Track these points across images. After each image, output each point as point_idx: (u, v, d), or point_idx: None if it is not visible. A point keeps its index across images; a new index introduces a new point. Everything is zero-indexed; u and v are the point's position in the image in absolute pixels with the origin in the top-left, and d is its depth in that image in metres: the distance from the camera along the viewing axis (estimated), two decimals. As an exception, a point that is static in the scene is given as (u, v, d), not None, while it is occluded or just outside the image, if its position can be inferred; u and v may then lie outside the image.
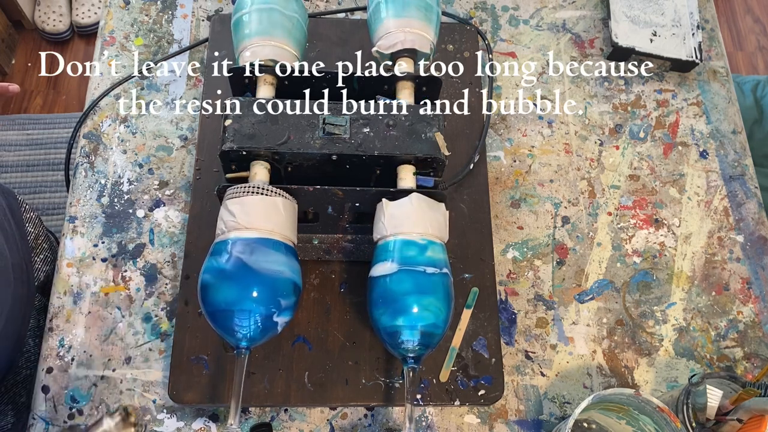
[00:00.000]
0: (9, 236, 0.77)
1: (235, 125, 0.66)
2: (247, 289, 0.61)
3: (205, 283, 0.63)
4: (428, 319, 0.62)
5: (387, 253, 0.64)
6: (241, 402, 0.60)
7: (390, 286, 0.63)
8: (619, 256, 0.80)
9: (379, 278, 0.64)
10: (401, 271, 0.63)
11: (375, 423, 0.70)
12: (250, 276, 0.61)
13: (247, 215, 0.63)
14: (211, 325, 0.63)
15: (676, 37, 0.90)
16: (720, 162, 0.86)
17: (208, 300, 0.63)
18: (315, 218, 0.71)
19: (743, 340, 0.77)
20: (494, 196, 0.81)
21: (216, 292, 0.62)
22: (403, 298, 0.62)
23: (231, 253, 0.62)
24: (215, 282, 0.62)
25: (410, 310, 0.62)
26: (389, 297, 0.63)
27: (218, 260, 0.63)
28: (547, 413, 0.72)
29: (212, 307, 0.62)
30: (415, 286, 0.62)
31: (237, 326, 0.61)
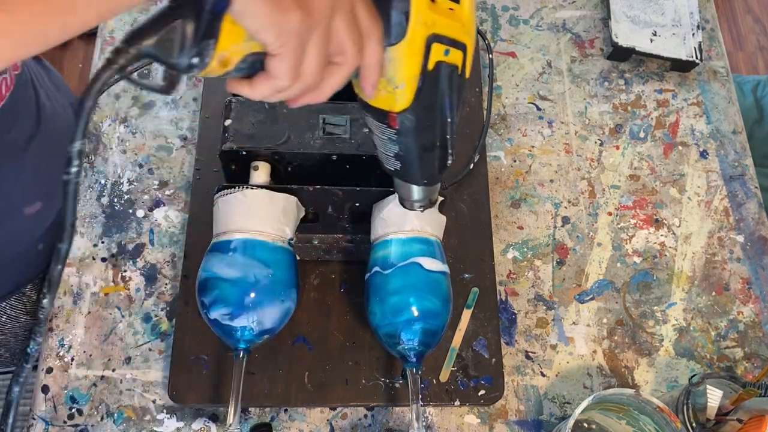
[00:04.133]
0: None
1: (235, 125, 0.66)
2: (238, 290, 0.61)
3: (202, 284, 0.63)
4: (427, 318, 0.62)
5: (383, 253, 0.64)
6: (240, 402, 0.60)
7: (387, 286, 0.63)
8: (619, 256, 0.80)
9: (376, 278, 0.64)
10: (398, 270, 0.63)
11: (375, 423, 0.70)
12: (248, 277, 0.61)
13: (217, 222, 0.63)
14: (209, 326, 0.63)
15: (676, 37, 0.90)
16: (720, 162, 0.86)
17: (205, 301, 0.63)
18: (315, 218, 0.71)
19: (743, 340, 0.77)
20: (494, 196, 0.81)
21: (213, 293, 0.62)
22: (401, 298, 0.62)
23: (228, 253, 0.62)
24: (213, 283, 0.62)
25: (408, 309, 0.62)
26: (387, 297, 0.63)
27: (216, 260, 0.63)
28: (547, 413, 0.72)
29: (210, 309, 0.62)
30: (412, 286, 0.62)
31: (231, 328, 0.61)
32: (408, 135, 0.47)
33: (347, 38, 0.39)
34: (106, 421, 0.69)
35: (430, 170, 0.51)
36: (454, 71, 0.44)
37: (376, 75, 0.42)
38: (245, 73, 0.39)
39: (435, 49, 0.42)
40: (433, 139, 0.48)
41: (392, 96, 0.44)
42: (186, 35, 0.35)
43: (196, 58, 0.36)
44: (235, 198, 0.63)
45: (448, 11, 0.42)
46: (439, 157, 0.50)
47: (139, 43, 0.34)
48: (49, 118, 0.73)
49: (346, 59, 0.40)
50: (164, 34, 0.34)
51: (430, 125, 0.47)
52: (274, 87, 0.39)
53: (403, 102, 0.44)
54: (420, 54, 0.42)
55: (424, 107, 0.45)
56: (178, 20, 0.35)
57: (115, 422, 0.69)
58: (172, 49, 0.35)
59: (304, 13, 0.36)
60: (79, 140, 0.33)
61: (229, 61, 0.38)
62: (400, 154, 0.49)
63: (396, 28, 0.41)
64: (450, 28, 0.42)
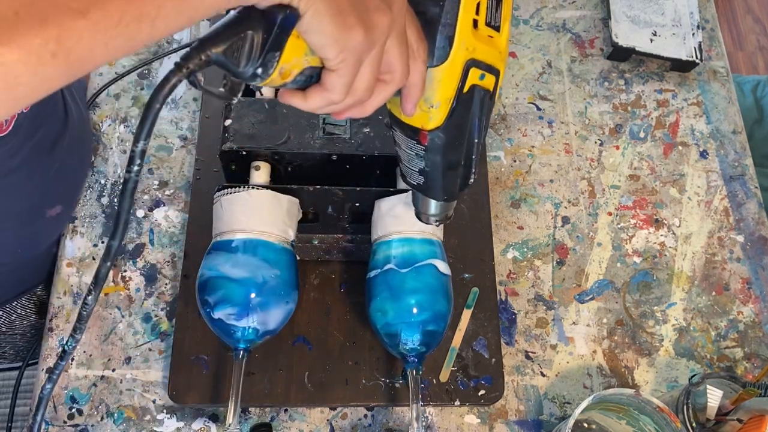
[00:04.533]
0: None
1: (235, 125, 0.66)
2: (244, 290, 0.61)
3: (206, 283, 0.63)
4: (429, 319, 0.62)
5: (383, 254, 0.64)
6: (240, 402, 0.60)
7: (387, 286, 0.63)
8: (619, 256, 0.80)
9: (377, 279, 0.64)
10: (398, 271, 0.63)
11: (375, 423, 0.70)
12: (247, 277, 0.61)
13: (221, 219, 0.63)
14: (209, 326, 0.63)
15: (676, 37, 0.90)
16: (720, 162, 0.86)
17: (209, 300, 0.63)
18: (315, 218, 0.71)
19: (743, 340, 0.77)
20: (494, 196, 0.81)
21: (219, 292, 0.62)
22: (401, 298, 0.62)
23: (234, 253, 0.62)
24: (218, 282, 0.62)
25: (409, 309, 0.62)
26: (387, 297, 0.63)
27: (221, 260, 0.63)
28: (547, 413, 0.72)
29: (215, 308, 0.62)
30: (412, 286, 0.62)
31: (234, 328, 0.61)
32: (436, 152, 0.49)
33: (398, 58, 0.41)
34: (106, 421, 0.69)
35: (452, 187, 0.53)
36: (486, 95, 0.47)
37: (418, 94, 0.44)
38: (300, 85, 0.41)
39: (472, 73, 0.44)
40: (459, 157, 0.50)
41: (426, 114, 0.46)
42: (254, 46, 0.36)
43: (260, 69, 0.37)
44: (240, 197, 0.63)
45: (487, 38, 0.44)
46: (463, 175, 0.52)
47: (209, 50, 0.35)
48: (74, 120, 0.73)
49: (394, 78, 0.42)
50: (233, 43, 0.35)
51: (459, 144, 0.49)
52: (328, 100, 0.41)
53: (436, 121, 0.46)
54: (458, 77, 0.44)
55: (455, 127, 0.47)
56: (248, 31, 0.36)
57: (115, 422, 0.69)
58: (240, 59, 0.36)
59: (366, 32, 0.37)
60: (142, 141, 0.34)
61: (289, 73, 0.39)
62: (426, 169, 0.51)
63: (439, 51, 0.42)
64: (488, 55, 0.44)
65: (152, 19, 0.31)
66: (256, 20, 0.36)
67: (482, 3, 0.43)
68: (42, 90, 0.30)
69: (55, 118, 0.70)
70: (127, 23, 0.30)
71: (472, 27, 0.43)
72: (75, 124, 0.74)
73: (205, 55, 0.35)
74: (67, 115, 0.72)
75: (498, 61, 0.46)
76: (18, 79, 0.28)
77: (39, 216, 0.71)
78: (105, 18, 0.29)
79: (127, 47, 0.31)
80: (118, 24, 0.30)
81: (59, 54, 0.29)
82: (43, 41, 0.28)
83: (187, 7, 0.32)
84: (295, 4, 0.35)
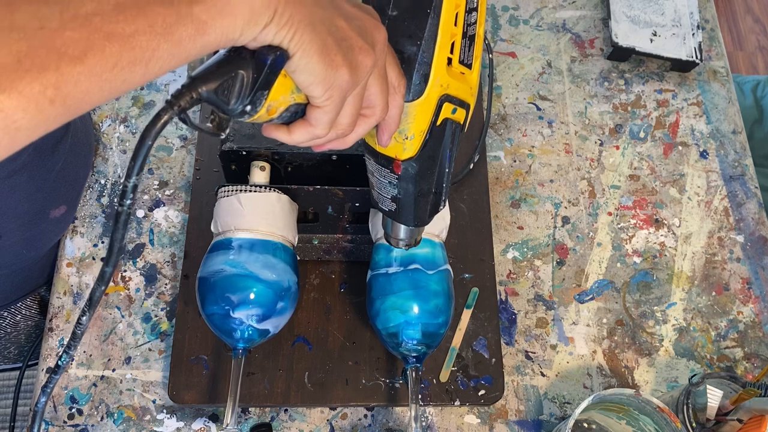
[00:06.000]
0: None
1: (235, 125, 0.66)
2: (244, 290, 0.61)
3: (202, 284, 0.63)
4: (428, 318, 0.62)
5: (384, 254, 0.65)
6: (238, 402, 0.60)
7: (388, 286, 0.63)
8: (619, 256, 0.80)
9: (378, 279, 0.64)
10: (403, 271, 0.63)
11: (375, 423, 0.70)
12: (247, 277, 0.61)
13: (245, 215, 0.63)
14: (209, 325, 0.63)
15: (676, 37, 0.90)
16: (720, 162, 0.86)
17: (203, 302, 0.63)
18: (315, 218, 0.71)
19: (743, 340, 0.77)
20: (494, 196, 0.81)
21: (202, 296, 0.62)
22: (402, 299, 0.62)
23: (228, 253, 0.62)
24: (201, 286, 0.62)
25: (410, 309, 0.62)
26: (387, 297, 0.63)
27: (205, 264, 0.63)
28: (547, 413, 0.72)
29: (207, 310, 0.62)
30: (413, 286, 0.62)
31: (234, 327, 0.61)
32: (408, 181, 0.51)
33: (378, 95, 0.43)
34: (106, 421, 0.69)
35: (423, 214, 0.55)
36: (458, 127, 0.49)
37: (395, 127, 0.46)
38: (285, 120, 0.42)
39: (445, 107, 0.47)
40: (431, 186, 0.52)
41: (401, 145, 0.48)
42: (244, 85, 0.37)
43: (249, 106, 0.38)
44: (268, 198, 0.63)
45: (460, 75, 0.47)
46: (433, 202, 0.55)
47: (200, 87, 0.36)
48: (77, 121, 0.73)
49: (375, 112, 0.44)
50: (223, 82, 0.36)
51: (430, 173, 0.51)
52: (312, 134, 0.42)
53: (410, 151, 0.48)
54: (432, 111, 0.46)
55: (428, 157, 0.49)
56: (239, 71, 0.37)
57: (115, 422, 0.69)
58: (229, 97, 0.37)
59: (351, 72, 0.39)
60: (134, 176, 0.35)
61: (276, 110, 0.40)
62: (398, 197, 0.53)
63: (415, 87, 0.45)
64: (460, 90, 0.47)
65: (146, 62, 0.31)
66: (246, 60, 0.37)
67: (456, 42, 0.46)
68: (39, 132, 0.30)
69: None
70: (122, 67, 0.31)
71: (447, 65, 0.45)
72: (77, 125, 0.74)
73: (196, 93, 0.36)
74: None
75: (469, 96, 0.48)
76: (16, 123, 0.29)
77: (43, 217, 0.72)
78: (101, 63, 0.30)
79: (122, 89, 0.32)
80: (113, 68, 0.30)
81: (57, 100, 0.29)
82: (42, 88, 0.28)
83: (181, 50, 0.33)
84: (285, 45, 0.37)
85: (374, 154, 0.50)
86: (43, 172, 0.69)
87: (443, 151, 0.50)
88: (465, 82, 0.47)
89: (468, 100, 0.48)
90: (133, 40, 0.30)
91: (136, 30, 0.30)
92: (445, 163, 0.51)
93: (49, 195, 0.71)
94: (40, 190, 0.70)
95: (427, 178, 0.51)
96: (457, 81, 0.46)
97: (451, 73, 0.46)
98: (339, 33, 0.39)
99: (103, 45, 0.30)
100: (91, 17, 0.29)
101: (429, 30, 0.43)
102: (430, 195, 0.53)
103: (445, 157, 0.50)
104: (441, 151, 0.49)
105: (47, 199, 0.71)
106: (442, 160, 0.50)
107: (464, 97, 0.48)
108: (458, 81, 0.47)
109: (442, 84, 0.45)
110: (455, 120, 0.48)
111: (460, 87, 0.47)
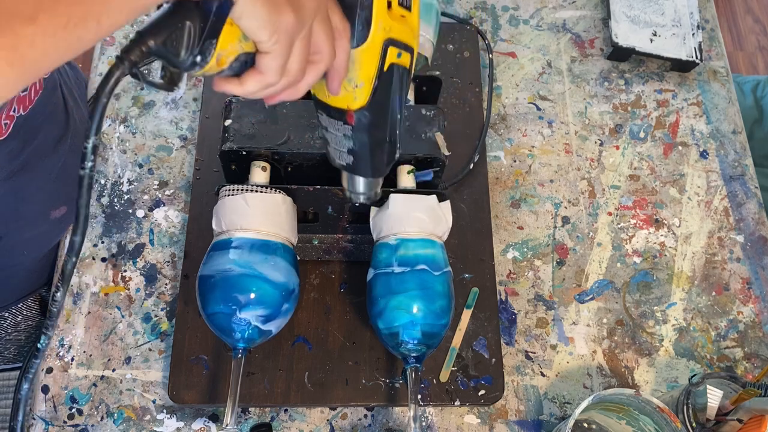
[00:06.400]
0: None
1: (235, 125, 0.66)
2: (252, 291, 0.61)
3: (199, 286, 0.63)
4: (433, 319, 0.62)
5: (385, 254, 0.64)
6: (238, 402, 0.60)
7: (396, 285, 0.63)
8: (619, 256, 0.80)
9: (377, 279, 0.64)
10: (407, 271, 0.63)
11: (375, 423, 0.70)
12: (256, 278, 0.61)
13: (252, 215, 0.63)
14: (209, 325, 0.63)
15: (676, 37, 0.90)
16: (720, 162, 0.86)
17: (201, 302, 0.63)
18: (315, 218, 0.71)
19: (743, 340, 0.77)
20: (494, 196, 0.81)
21: (205, 295, 0.62)
22: (409, 298, 0.62)
23: (219, 255, 0.62)
24: (204, 285, 0.62)
25: (410, 310, 0.62)
26: (388, 298, 0.63)
27: (208, 263, 0.63)
28: (547, 413, 0.72)
29: (204, 310, 0.62)
30: (421, 287, 0.62)
31: (228, 328, 0.61)
32: (363, 131, 0.51)
33: (324, 39, 0.43)
34: (106, 421, 0.69)
35: (380, 164, 0.56)
36: (405, 72, 0.49)
37: (344, 73, 0.46)
38: (234, 71, 0.42)
39: (390, 52, 0.47)
40: (385, 134, 0.53)
41: (351, 95, 0.48)
42: (192, 35, 0.38)
43: (199, 57, 0.39)
44: (274, 199, 0.63)
45: (400, 18, 0.47)
46: (389, 151, 0.55)
47: (148, 41, 0.36)
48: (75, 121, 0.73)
49: (323, 57, 0.44)
50: (171, 33, 0.37)
51: (383, 121, 0.51)
52: (264, 83, 0.42)
53: (360, 100, 0.49)
54: (378, 56, 0.47)
55: (379, 104, 0.49)
56: (185, 21, 0.37)
57: (115, 422, 0.69)
58: (178, 48, 0.37)
59: (295, 14, 0.39)
60: (93, 137, 0.36)
61: (225, 60, 0.40)
62: (354, 149, 0.53)
63: (359, 33, 0.45)
64: (403, 33, 0.47)
65: (98, 17, 0.32)
66: (192, 10, 0.37)
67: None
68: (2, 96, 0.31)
69: (56, 119, 0.70)
70: (75, 24, 0.31)
71: (387, 8, 0.46)
72: (77, 125, 0.74)
73: (146, 46, 0.36)
74: (68, 116, 0.72)
75: (411, 39, 0.48)
76: None
77: (44, 218, 0.72)
78: (53, 21, 0.30)
79: (77, 47, 0.32)
80: (66, 25, 0.31)
81: (15, 61, 0.30)
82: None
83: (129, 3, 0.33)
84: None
85: (326, 108, 0.51)
86: (44, 173, 0.69)
87: (393, 96, 0.50)
88: (407, 25, 0.47)
89: (411, 44, 0.48)
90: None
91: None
92: (396, 110, 0.51)
93: (49, 196, 0.71)
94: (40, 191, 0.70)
95: (381, 127, 0.51)
96: (399, 24, 0.47)
97: (393, 16, 0.46)
98: None
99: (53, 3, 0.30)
100: None
101: None
102: (384, 144, 0.54)
103: (396, 104, 0.51)
104: (391, 97, 0.50)
105: (48, 200, 0.71)
106: (393, 106, 0.51)
107: (407, 40, 0.48)
108: (400, 24, 0.47)
109: (385, 28, 0.46)
110: (401, 64, 0.48)
111: (402, 30, 0.47)
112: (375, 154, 0.54)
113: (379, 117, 0.50)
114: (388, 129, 0.52)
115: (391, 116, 0.51)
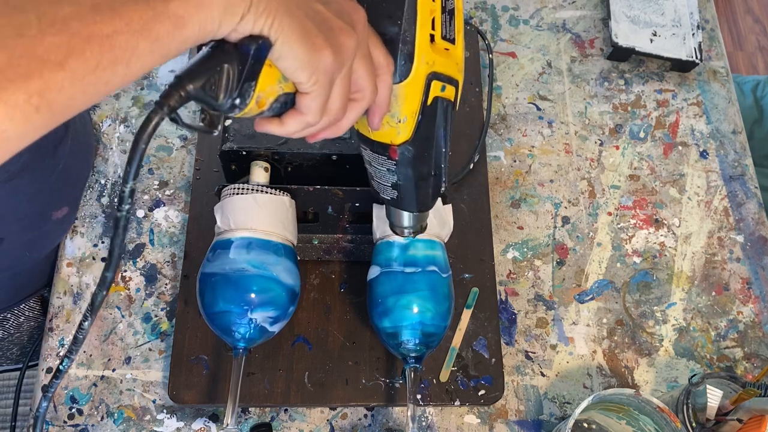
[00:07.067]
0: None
1: (235, 125, 0.66)
2: (244, 290, 0.61)
3: (202, 284, 0.63)
4: (428, 318, 0.62)
5: (385, 254, 0.65)
6: (238, 402, 0.60)
7: (388, 286, 0.63)
8: (619, 256, 0.80)
9: (378, 279, 0.64)
10: (399, 271, 0.63)
11: (375, 423, 0.70)
12: (248, 277, 0.61)
13: (263, 216, 0.63)
14: (209, 325, 0.63)
15: (676, 37, 0.90)
16: (720, 162, 0.86)
17: (205, 300, 0.63)
18: (315, 218, 0.71)
19: (743, 340, 0.77)
20: (494, 196, 0.81)
21: (213, 292, 0.62)
22: (402, 299, 0.62)
23: (229, 253, 0.62)
24: (213, 282, 0.62)
25: (410, 310, 0.62)
26: (388, 298, 0.63)
27: (216, 261, 0.63)
28: (547, 413, 0.72)
29: (210, 308, 0.62)
30: (431, 288, 0.62)
31: (234, 327, 0.61)
32: (407, 165, 0.50)
33: (365, 76, 0.42)
34: (106, 421, 0.69)
35: (425, 198, 0.55)
36: (449, 105, 0.49)
37: (385, 109, 0.46)
38: (275, 112, 0.42)
39: (434, 85, 0.46)
40: (429, 168, 0.52)
41: (395, 129, 0.47)
42: (231, 78, 0.37)
43: (238, 99, 0.38)
44: (282, 201, 0.64)
45: (444, 51, 0.46)
46: (434, 185, 0.54)
47: (186, 86, 0.36)
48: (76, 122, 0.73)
49: (365, 95, 0.43)
50: (210, 77, 0.36)
51: (428, 155, 0.50)
52: (304, 123, 0.42)
53: (404, 135, 0.48)
54: (421, 90, 0.46)
55: (423, 139, 0.49)
56: (223, 64, 0.37)
57: (115, 422, 0.69)
58: (217, 92, 0.37)
59: (334, 54, 0.39)
60: (131, 181, 0.35)
61: (264, 102, 0.40)
62: (398, 183, 0.52)
63: (401, 68, 0.45)
64: (446, 67, 0.47)
65: (127, 61, 0.31)
66: (230, 53, 0.37)
67: (437, 18, 0.45)
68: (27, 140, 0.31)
69: None
70: (104, 68, 0.31)
71: (430, 42, 0.45)
72: (77, 126, 0.74)
73: (184, 91, 0.36)
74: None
75: (456, 72, 0.48)
76: (5, 133, 0.29)
77: (45, 219, 0.72)
78: (83, 66, 0.30)
79: (105, 91, 0.32)
80: (95, 70, 0.30)
81: (42, 107, 0.29)
82: (27, 96, 0.28)
83: (160, 46, 0.33)
84: (265, 33, 0.37)
85: (369, 143, 0.50)
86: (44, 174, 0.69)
87: (437, 130, 0.49)
88: (450, 58, 0.47)
89: (456, 77, 0.48)
90: (112, 40, 0.30)
91: (114, 30, 0.30)
92: (441, 143, 0.50)
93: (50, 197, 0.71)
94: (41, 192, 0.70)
95: (425, 161, 0.51)
96: (443, 57, 0.46)
97: (436, 50, 0.45)
98: (317, 16, 0.39)
99: (83, 48, 0.30)
100: (69, 21, 0.29)
101: (408, 8, 0.43)
102: (429, 178, 0.53)
103: (441, 137, 0.50)
104: (435, 131, 0.49)
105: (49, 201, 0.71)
106: (438, 140, 0.50)
107: (451, 73, 0.47)
108: (444, 57, 0.46)
109: (428, 62, 0.45)
110: (446, 98, 0.48)
111: (446, 63, 0.46)
112: (420, 188, 0.53)
113: (423, 151, 0.49)
114: (433, 162, 0.51)
115: (436, 150, 0.50)
